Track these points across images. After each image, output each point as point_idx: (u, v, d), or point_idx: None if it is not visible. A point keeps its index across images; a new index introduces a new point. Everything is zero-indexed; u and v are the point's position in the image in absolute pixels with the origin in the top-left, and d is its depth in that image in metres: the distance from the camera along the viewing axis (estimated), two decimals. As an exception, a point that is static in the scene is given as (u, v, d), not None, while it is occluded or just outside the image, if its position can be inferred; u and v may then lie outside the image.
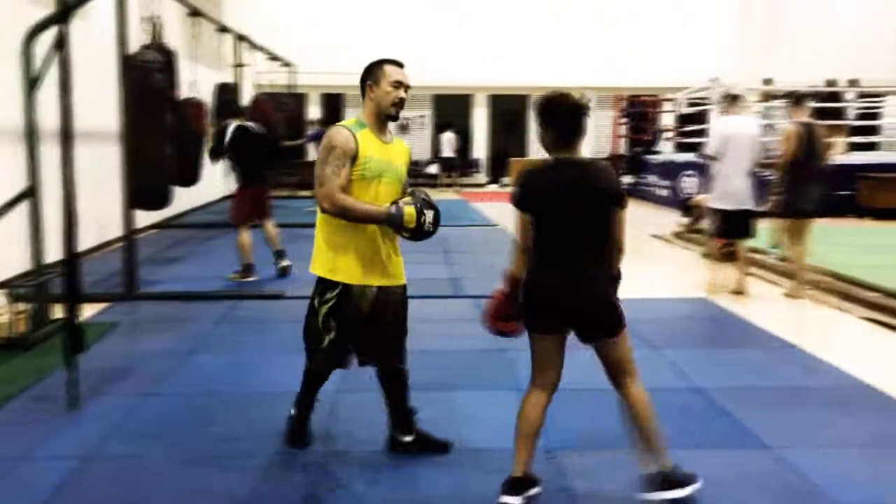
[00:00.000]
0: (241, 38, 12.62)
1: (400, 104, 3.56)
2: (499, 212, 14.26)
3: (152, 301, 7.25)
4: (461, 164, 21.95)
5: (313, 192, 3.52)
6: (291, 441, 3.94)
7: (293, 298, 7.37)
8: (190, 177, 8.96)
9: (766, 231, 7.99)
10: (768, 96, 16.87)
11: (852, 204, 13.93)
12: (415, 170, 21.73)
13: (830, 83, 16.99)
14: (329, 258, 3.59)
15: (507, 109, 22.41)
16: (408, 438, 3.88)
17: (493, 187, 21.66)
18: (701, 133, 14.40)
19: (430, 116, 22.37)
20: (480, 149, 22.74)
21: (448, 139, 21.33)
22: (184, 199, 13.23)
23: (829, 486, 3.54)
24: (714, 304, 7.29)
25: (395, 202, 3.50)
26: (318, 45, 19.75)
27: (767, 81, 17.60)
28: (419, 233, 3.49)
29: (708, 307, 7.22)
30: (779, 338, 6.06)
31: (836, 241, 10.90)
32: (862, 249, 10.08)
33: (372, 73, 3.61)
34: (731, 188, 7.32)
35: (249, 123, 8.25)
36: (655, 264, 9.45)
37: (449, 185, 21.19)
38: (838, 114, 16.38)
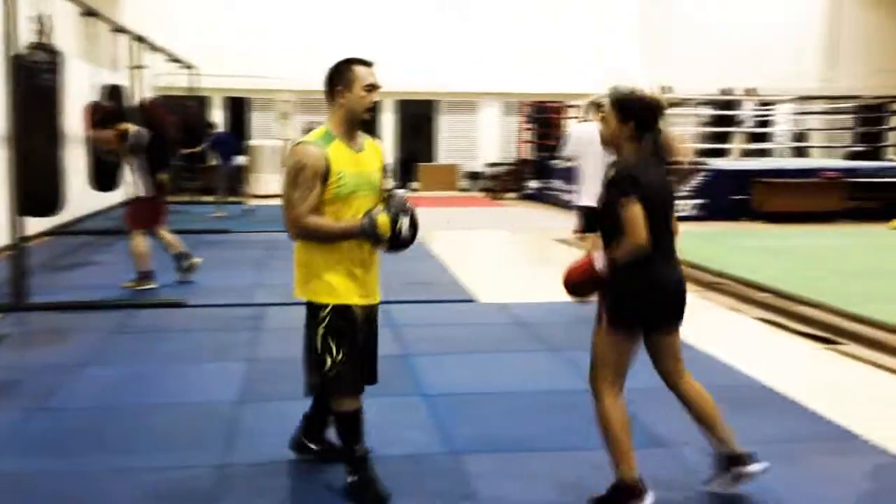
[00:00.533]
0: (138, 38, 12.24)
1: (373, 108, 3.37)
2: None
3: (43, 311, 6.93)
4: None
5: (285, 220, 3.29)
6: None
7: (195, 307, 7.20)
8: (108, 181, 8.63)
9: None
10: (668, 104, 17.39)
11: (747, 208, 14.49)
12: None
13: (725, 92, 17.64)
14: (311, 281, 3.37)
15: (415, 114, 22.43)
16: (315, 447, 3.79)
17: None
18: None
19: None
20: (388, 154, 22.70)
21: None
22: (82, 204, 12.77)
23: (724, 482, 3.64)
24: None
25: (367, 213, 3.28)
26: (222, 47, 19.33)
27: (666, 89, 18.13)
28: (396, 242, 3.30)
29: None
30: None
31: (730, 244, 11.32)
32: (756, 252, 10.47)
33: (342, 75, 3.33)
34: (587, 187, 7.52)
35: (140, 128, 7.99)
36: (558, 267, 9.59)
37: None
38: (730, 121, 17.03)
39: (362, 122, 3.38)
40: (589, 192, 7.45)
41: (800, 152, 19.77)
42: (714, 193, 14.51)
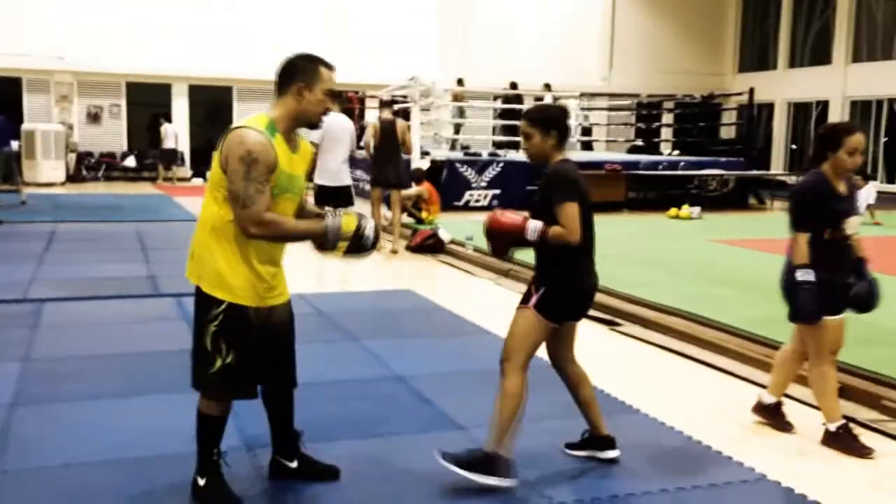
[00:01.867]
0: None
1: (327, 114, 3.18)
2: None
3: None
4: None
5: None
6: None
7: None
8: None
9: (465, 224, 8.43)
10: (457, 97, 17.92)
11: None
12: (110, 162, 20.41)
13: (513, 86, 18.40)
14: (213, 273, 3.09)
15: (211, 100, 21.66)
16: (293, 465, 3.50)
17: (199, 181, 20.81)
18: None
19: (124, 106, 20.96)
20: (183, 141, 21.74)
21: (172, 130, 20.04)
22: None
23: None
24: (417, 295, 7.56)
25: (330, 213, 3.10)
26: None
27: (460, 82, 18.63)
28: (358, 244, 3.09)
29: (410, 298, 7.47)
30: (474, 324, 6.41)
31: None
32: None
33: (305, 72, 3.11)
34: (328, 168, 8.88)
35: None
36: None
37: (168, 180, 20.11)
38: (517, 114, 17.76)
39: (310, 126, 3.22)
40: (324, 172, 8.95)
41: (586, 146, 20.97)
42: (508, 184, 15.08)
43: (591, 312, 6.89)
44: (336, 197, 8.58)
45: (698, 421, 4.43)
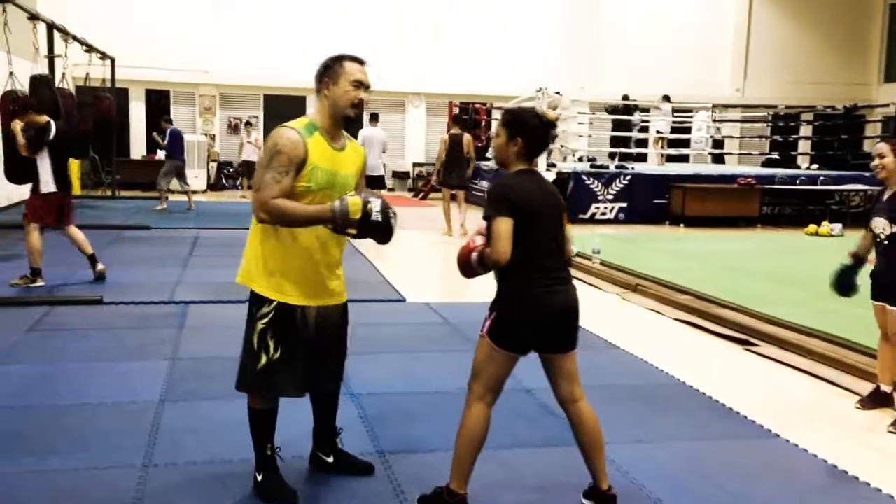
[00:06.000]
0: (54, 26, 11.85)
1: (359, 105, 3.25)
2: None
3: (-48, 308, 6.66)
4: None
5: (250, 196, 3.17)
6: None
7: (112, 304, 7.01)
8: (22, 174, 8.31)
9: (592, 237, 8.35)
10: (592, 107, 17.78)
11: (667, 212, 14.86)
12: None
13: (624, 97, 18.10)
14: (263, 272, 3.24)
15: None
16: (330, 459, 3.67)
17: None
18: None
19: (262, 117, 21.84)
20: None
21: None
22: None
23: (645, 479, 3.73)
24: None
25: (339, 197, 3.14)
26: (142, 38, 18.85)
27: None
28: (366, 223, 3.08)
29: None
30: (601, 339, 6.34)
31: (651, 247, 11.59)
32: (676, 255, 10.75)
33: (330, 69, 3.27)
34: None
35: (52, 121, 7.82)
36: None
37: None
38: (628, 125, 17.53)
39: (346, 120, 3.29)
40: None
41: (717, 159, 20.37)
42: (635, 197, 14.83)
43: (723, 331, 6.74)
44: (371, 183, 10.04)
45: (841, 447, 4.23)
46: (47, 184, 7.58)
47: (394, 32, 20.66)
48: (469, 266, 3.25)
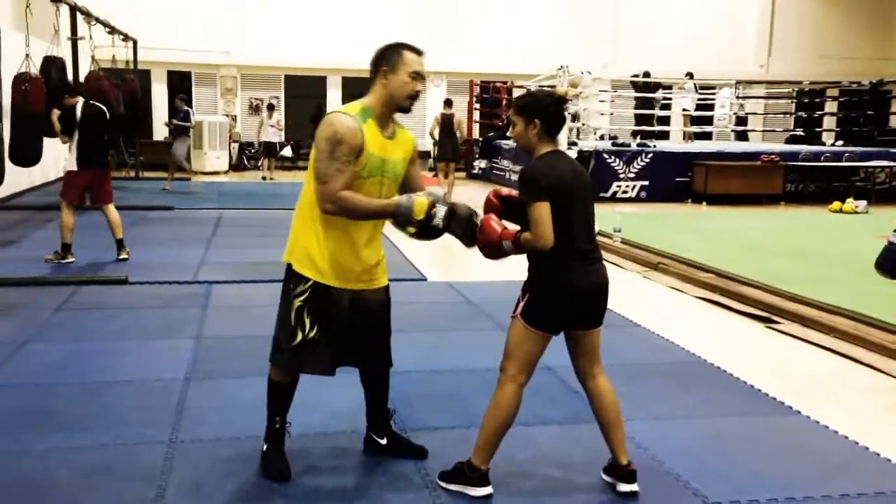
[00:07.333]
0: (76, 8, 11.91)
1: (415, 96, 3.24)
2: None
3: (-19, 288, 6.77)
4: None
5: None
6: (269, 476, 3.43)
7: (137, 283, 7.10)
8: (30, 156, 8.43)
9: (614, 216, 8.33)
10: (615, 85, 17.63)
11: (689, 190, 14.76)
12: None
13: (646, 74, 17.95)
14: (304, 251, 3.27)
15: (363, 91, 22.24)
16: (383, 441, 3.70)
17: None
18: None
19: (282, 98, 21.88)
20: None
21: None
22: (21, 178, 12.44)
23: (665, 456, 3.75)
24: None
25: (407, 196, 3.16)
26: (163, 19, 18.92)
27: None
28: (428, 227, 3.11)
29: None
30: (623, 317, 6.34)
31: (673, 226, 11.54)
32: (698, 233, 10.70)
33: (388, 57, 3.23)
34: None
35: (94, 102, 8.08)
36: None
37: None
38: (650, 102, 17.39)
39: (400, 110, 3.27)
40: None
41: (741, 136, 20.18)
42: (657, 175, 14.75)
43: (745, 309, 6.72)
44: None
45: (864, 424, 4.22)
46: (71, 162, 7.81)
47: (414, 12, 20.60)
48: (498, 250, 3.24)
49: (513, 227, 3.24)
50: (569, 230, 3.14)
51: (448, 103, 14.33)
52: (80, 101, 7.94)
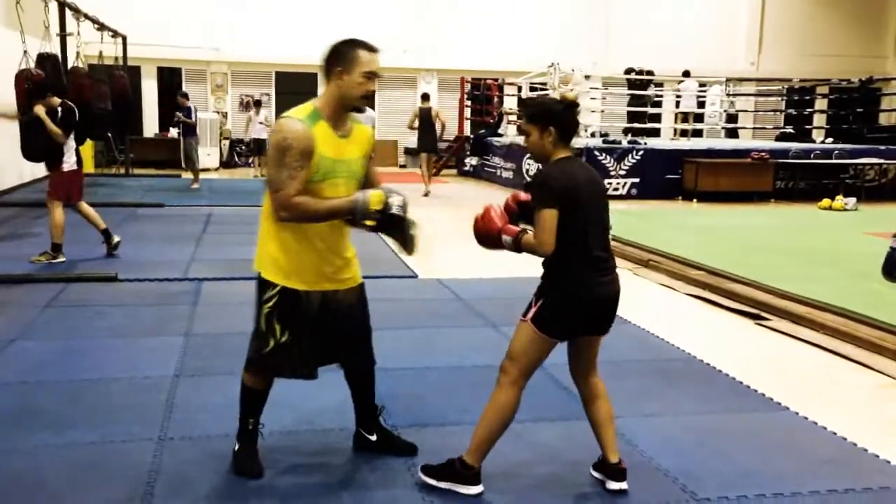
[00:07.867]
0: (65, 4, 11.85)
1: (369, 97, 3.19)
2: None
3: (-31, 285, 6.73)
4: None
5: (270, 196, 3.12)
6: (241, 474, 3.44)
7: (126, 281, 7.08)
8: (40, 150, 8.37)
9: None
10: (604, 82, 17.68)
11: (679, 187, 14.79)
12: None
13: (630, 70, 17.96)
14: (269, 256, 3.25)
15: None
16: (373, 437, 3.69)
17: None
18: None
19: (273, 94, 21.81)
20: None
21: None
22: (10, 175, 12.39)
23: (655, 452, 3.76)
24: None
25: (361, 190, 3.15)
26: (153, 15, 18.83)
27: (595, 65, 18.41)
28: (386, 218, 3.10)
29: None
30: (613, 314, 6.34)
31: (663, 223, 11.57)
32: (688, 230, 10.72)
33: (342, 56, 3.13)
34: None
35: (66, 101, 8.06)
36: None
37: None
38: (642, 99, 17.45)
39: (354, 109, 3.24)
40: None
41: (731, 133, 20.22)
42: (647, 172, 14.77)
43: (735, 305, 6.74)
44: None
45: (852, 420, 4.24)
46: (70, 161, 7.76)
47: (405, 9, 20.56)
48: (495, 242, 3.26)
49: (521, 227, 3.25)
50: (583, 237, 3.13)
51: (425, 97, 15.06)
52: (58, 101, 7.90)
